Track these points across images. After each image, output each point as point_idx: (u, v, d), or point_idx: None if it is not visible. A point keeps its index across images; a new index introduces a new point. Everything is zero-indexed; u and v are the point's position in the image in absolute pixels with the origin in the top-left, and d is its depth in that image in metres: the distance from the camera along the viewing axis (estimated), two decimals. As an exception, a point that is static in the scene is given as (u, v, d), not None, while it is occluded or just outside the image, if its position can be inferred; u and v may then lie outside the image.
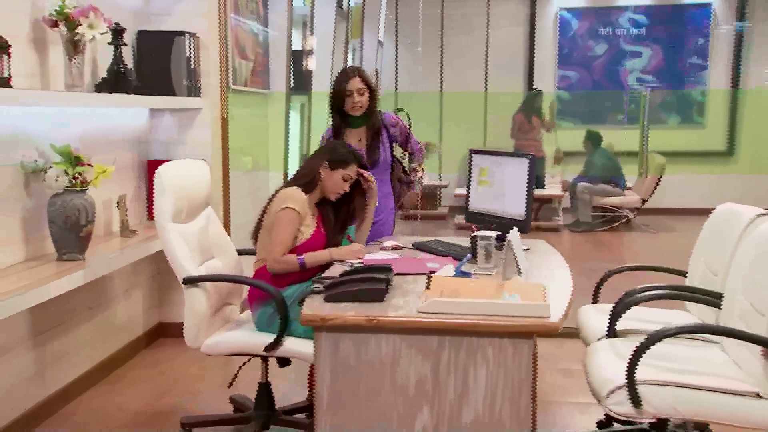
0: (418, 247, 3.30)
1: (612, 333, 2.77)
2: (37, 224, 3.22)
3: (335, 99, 3.58)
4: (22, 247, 3.15)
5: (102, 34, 3.23)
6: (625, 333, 2.79)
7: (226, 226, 4.71)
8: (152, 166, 4.33)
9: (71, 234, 3.15)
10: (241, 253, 3.32)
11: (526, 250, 3.19)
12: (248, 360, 3.05)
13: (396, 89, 9.25)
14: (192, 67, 4.26)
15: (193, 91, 4.29)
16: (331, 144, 3.27)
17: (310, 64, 6.36)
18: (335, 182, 3.10)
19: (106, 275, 3.84)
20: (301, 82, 6.31)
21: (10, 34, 2.86)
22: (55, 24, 3.18)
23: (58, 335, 3.50)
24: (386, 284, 2.47)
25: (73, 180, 3.16)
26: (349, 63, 8.09)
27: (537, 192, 8.16)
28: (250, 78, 5.24)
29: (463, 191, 8.71)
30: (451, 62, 9.34)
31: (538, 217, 8.40)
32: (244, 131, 5.22)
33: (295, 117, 6.19)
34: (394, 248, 3.26)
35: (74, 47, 3.21)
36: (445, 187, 8.92)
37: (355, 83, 3.55)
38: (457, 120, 7.96)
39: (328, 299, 2.40)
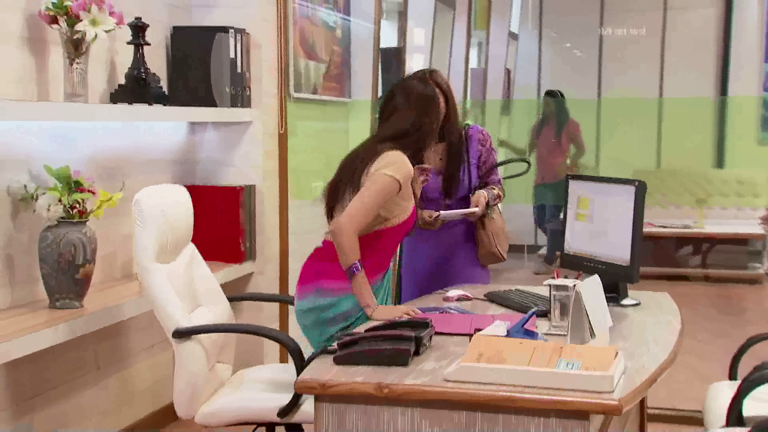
0: (492, 298, 3.30)
1: (737, 419, 2.67)
2: (26, 263, 3.45)
3: None
4: (6, 290, 3.38)
5: (108, 31, 3.45)
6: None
7: (283, 269, 4.87)
8: (191, 192, 4.52)
9: (65, 275, 3.35)
10: (231, 299, 3.50)
11: (635, 305, 3.14)
12: (255, 429, 3.15)
13: (538, 96, 9.21)
14: (239, 70, 4.46)
15: (240, 100, 4.48)
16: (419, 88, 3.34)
17: (408, 65, 6.46)
18: None
19: (122, 327, 4.06)
20: (393, 88, 6.40)
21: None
22: (54, 20, 3.42)
23: (51, 403, 3.67)
24: (416, 344, 2.49)
25: (70, 210, 3.37)
26: (473, 61, 8.19)
27: (714, 230, 8.00)
28: (323, 83, 5.40)
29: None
30: (613, 58, 9.20)
31: (706, 263, 8.19)
32: (313, 150, 5.37)
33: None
34: (461, 299, 3.27)
35: (75, 48, 3.45)
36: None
37: None
38: (620, 134, 7.83)
39: (338, 361, 2.47)
